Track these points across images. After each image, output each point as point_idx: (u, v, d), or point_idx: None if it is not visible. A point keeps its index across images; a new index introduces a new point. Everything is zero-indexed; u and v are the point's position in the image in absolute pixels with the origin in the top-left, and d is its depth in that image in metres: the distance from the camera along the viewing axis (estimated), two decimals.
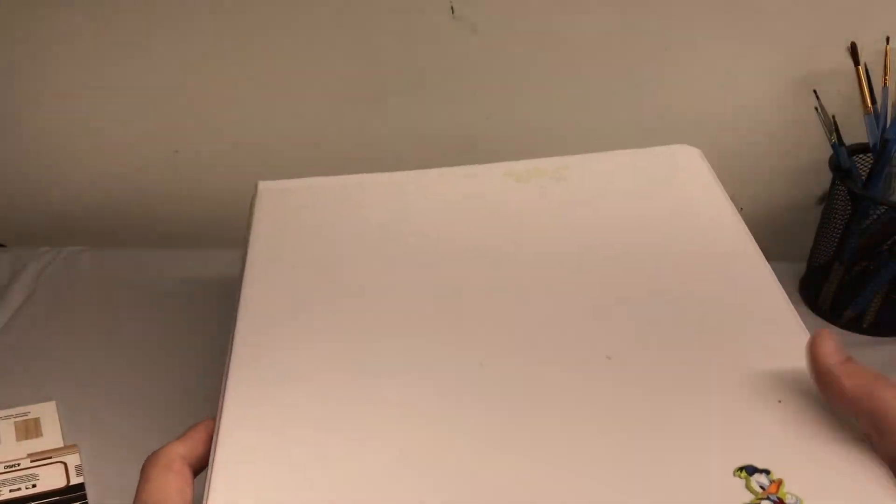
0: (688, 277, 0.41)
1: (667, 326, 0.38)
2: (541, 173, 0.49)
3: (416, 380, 0.37)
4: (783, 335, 0.38)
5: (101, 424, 0.50)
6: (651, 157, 0.52)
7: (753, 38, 0.63)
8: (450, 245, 0.44)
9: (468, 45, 0.63)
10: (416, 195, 0.48)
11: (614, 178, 0.49)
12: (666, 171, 0.50)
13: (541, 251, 0.43)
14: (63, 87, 0.67)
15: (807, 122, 0.66)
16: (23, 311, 0.60)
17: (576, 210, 0.46)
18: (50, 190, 0.75)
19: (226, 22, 0.63)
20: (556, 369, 0.37)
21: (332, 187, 0.50)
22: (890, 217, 0.56)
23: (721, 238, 0.45)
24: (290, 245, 0.46)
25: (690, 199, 0.47)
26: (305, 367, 0.37)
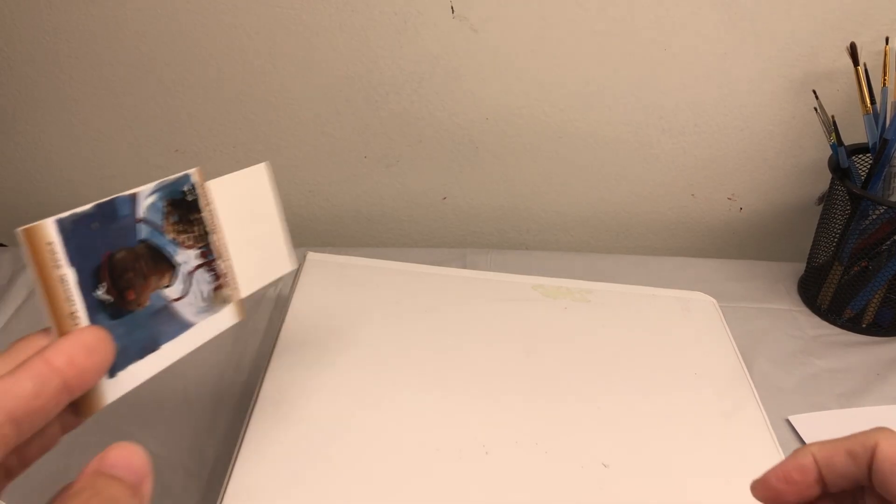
0: (683, 407, 0.47)
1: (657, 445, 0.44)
2: (567, 293, 0.56)
3: (420, 458, 0.41)
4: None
5: (100, 424, 0.50)
6: (670, 297, 0.58)
7: (753, 38, 0.63)
8: (473, 339, 0.50)
9: (468, 45, 0.64)
10: (452, 289, 0.55)
11: (632, 309, 0.56)
12: (681, 313, 0.57)
13: (555, 357, 0.50)
14: (63, 86, 0.67)
15: (806, 122, 0.66)
16: (23, 311, 0.60)
17: (594, 329, 0.53)
18: (50, 190, 0.75)
19: (226, 21, 0.63)
20: (553, 472, 0.41)
21: (374, 268, 0.57)
22: (889, 217, 0.56)
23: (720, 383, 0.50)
24: (326, 311, 0.53)
25: (699, 341, 0.54)
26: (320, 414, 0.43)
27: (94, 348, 0.27)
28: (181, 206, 0.33)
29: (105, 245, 0.30)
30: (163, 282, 0.32)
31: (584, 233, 0.77)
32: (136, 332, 0.30)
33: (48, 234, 0.28)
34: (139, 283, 0.31)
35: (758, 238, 0.76)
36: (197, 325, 0.33)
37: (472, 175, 0.72)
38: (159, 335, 0.31)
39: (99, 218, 0.30)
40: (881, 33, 0.59)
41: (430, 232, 0.77)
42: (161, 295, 0.31)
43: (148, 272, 0.31)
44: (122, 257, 0.30)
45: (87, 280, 0.29)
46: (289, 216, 0.79)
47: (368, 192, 0.74)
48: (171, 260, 0.32)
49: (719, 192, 0.73)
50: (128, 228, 0.31)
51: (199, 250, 0.33)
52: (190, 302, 0.32)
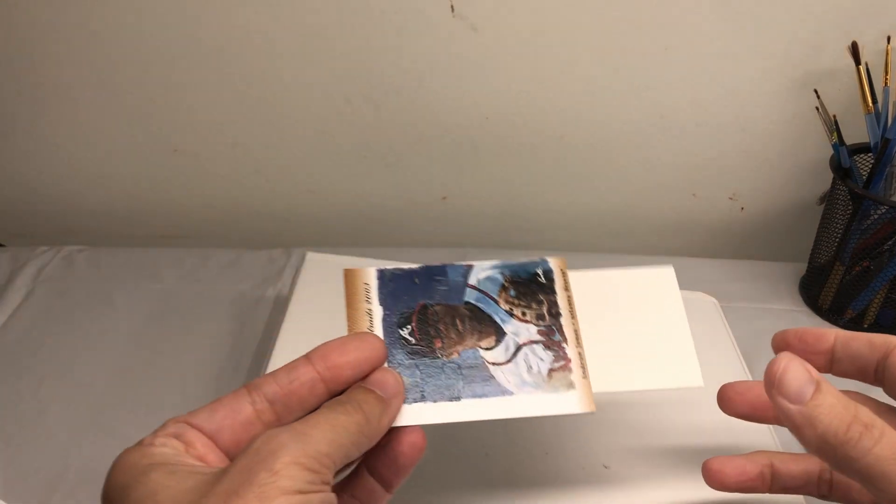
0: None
1: None
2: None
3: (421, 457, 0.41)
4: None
5: (99, 425, 0.50)
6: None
7: (753, 37, 0.63)
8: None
9: (468, 45, 0.63)
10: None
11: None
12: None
13: None
14: (62, 86, 0.67)
15: (807, 122, 0.66)
16: (21, 311, 0.60)
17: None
18: (49, 189, 0.74)
19: (226, 21, 0.63)
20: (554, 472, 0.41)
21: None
22: (890, 217, 0.56)
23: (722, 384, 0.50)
24: (325, 312, 0.54)
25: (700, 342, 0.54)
26: None
27: (353, 346, 0.30)
28: (525, 284, 0.34)
29: (423, 296, 0.33)
30: (482, 343, 0.33)
31: (584, 233, 0.76)
32: (437, 377, 0.32)
33: (366, 277, 0.34)
34: (451, 336, 0.33)
35: (759, 238, 0.76)
36: (519, 395, 0.32)
37: (472, 175, 0.72)
38: (463, 389, 0.32)
39: (423, 276, 0.34)
40: (883, 32, 0.59)
41: (430, 232, 0.76)
42: (478, 354, 0.32)
43: (464, 330, 0.33)
44: (437, 310, 0.33)
45: (393, 318, 0.33)
46: (289, 216, 0.79)
47: (368, 192, 0.74)
48: (498, 326, 0.33)
49: (720, 191, 0.73)
50: (454, 290, 0.34)
51: (539, 327, 0.34)
52: (513, 371, 0.32)
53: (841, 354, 0.31)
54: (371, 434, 0.28)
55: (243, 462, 0.24)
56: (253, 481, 0.23)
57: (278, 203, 0.75)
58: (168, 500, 0.23)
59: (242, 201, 0.75)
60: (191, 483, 0.24)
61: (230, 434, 0.27)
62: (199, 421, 0.27)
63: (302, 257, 0.58)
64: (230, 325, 0.59)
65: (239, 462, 0.24)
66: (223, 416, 0.27)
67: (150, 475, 0.24)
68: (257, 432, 0.28)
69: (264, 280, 0.64)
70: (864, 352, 0.31)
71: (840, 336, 0.32)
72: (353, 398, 0.28)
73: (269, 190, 0.74)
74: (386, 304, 0.33)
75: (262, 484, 0.23)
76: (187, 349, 0.56)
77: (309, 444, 0.24)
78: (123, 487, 0.24)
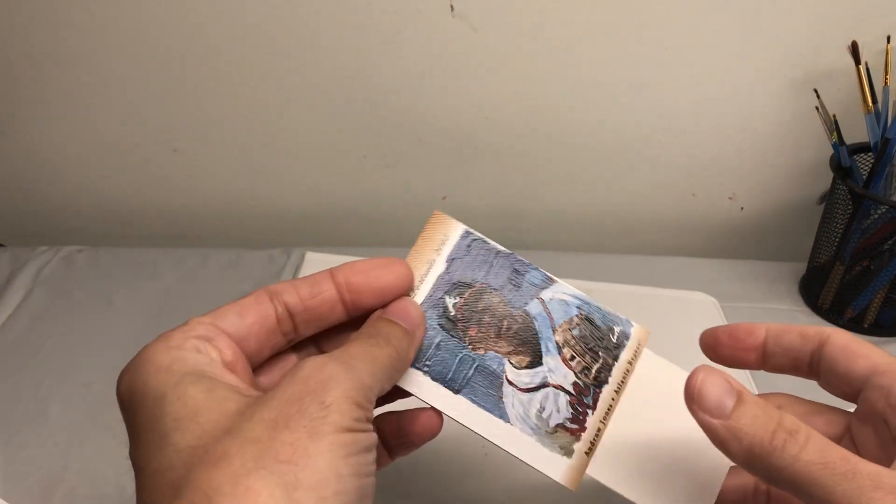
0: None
1: None
2: None
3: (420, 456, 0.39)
4: None
5: (98, 425, 0.50)
6: (670, 297, 0.58)
7: (753, 37, 0.63)
8: None
9: (468, 45, 0.63)
10: None
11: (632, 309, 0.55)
12: (682, 313, 0.56)
13: None
14: (62, 86, 0.67)
15: (807, 122, 0.66)
16: (21, 311, 0.60)
17: None
18: (48, 189, 0.74)
19: (225, 21, 0.63)
20: None
21: None
22: (891, 216, 0.56)
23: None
24: None
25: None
26: None
27: (379, 274, 0.29)
28: (593, 332, 0.31)
29: (490, 280, 0.31)
30: (514, 358, 0.30)
31: (584, 233, 0.76)
32: (450, 360, 0.30)
33: (450, 230, 0.32)
34: (489, 333, 0.30)
35: (759, 238, 0.76)
36: (514, 429, 0.29)
37: (472, 175, 0.72)
38: (467, 387, 0.30)
39: (503, 262, 0.31)
40: (883, 32, 0.59)
41: None
42: (503, 364, 0.30)
43: (505, 335, 0.30)
44: (493, 302, 0.31)
45: (449, 280, 0.31)
46: (289, 216, 0.79)
47: (368, 192, 0.74)
48: (539, 353, 0.31)
49: (720, 191, 0.72)
50: (523, 293, 0.31)
51: (577, 380, 0.30)
52: (524, 403, 0.30)
53: (773, 349, 0.30)
54: (401, 368, 0.27)
55: (292, 389, 0.22)
56: (304, 413, 0.22)
57: (278, 203, 0.75)
58: (210, 424, 0.22)
59: (242, 201, 0.75)
60: (232, 406, 0.22)
61: (255, 342, 0.26)
62: (228, 325, 0.26)
63: (301, 257, 0.58)
64: None
65: (286, 388, 0.23)
66: (252, 322, 0.26)
67: (188, 389, 0.23)
68: (278, 343, 0.27)
69: (264, 280, 0.64)
70: (796, 344, 0.29)
71: (772, 329, 0.30)
72: (381, 331, 0.27)
73: (269, 190, 0.74)
74: (452, 263, 0.31)
75: (314, 417, 0.22)
76: None
77: (356, 377, 0.24)
78: (157, 397, 0.23)
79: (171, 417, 0.22)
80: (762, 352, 0.30)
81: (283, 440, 0.21)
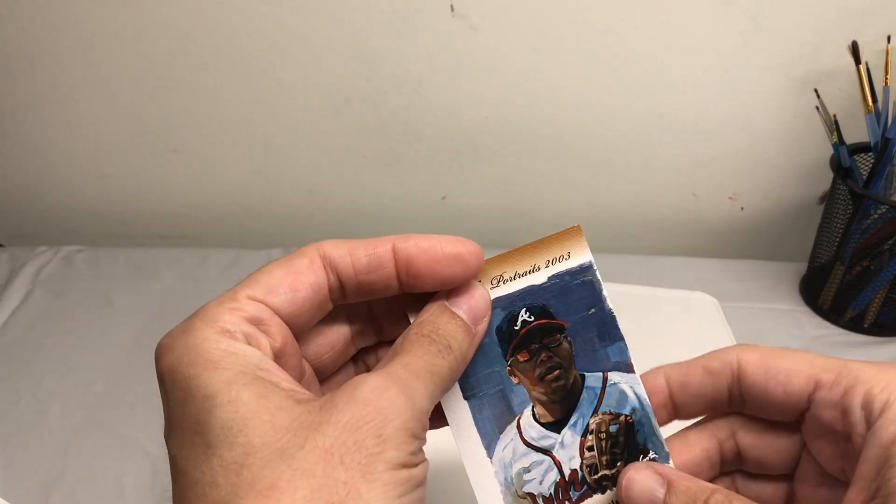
0: None
1: None
2: None
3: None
4: None
5: (98, 424, 0.50)
6: (671, 297, 0.57)
7: (753, 37, 0.63)
8: None
9: (468, 44, 0.63)
10: None
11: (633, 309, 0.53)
12: (682, 313, 0.55)
13: None
14: (62, 86, 0.67)
15: (808, 121, 0.66)
16: (21, 311, 0.60)
17: None
18: (48, 190, 0.74)
19: (225, 21, 0.63)
20: None
21: None
22: (891, 216, 0.56)
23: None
24: None
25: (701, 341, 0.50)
26: None
27: (448, 263, 0.27)
28: (629, 440, 0.28)
29: (573, 324, 0.28)
30: (539, 408, 0.27)
31: (584, 232, 0.76)
32: (482, 366, 0.27)
33: (576, 252, 0.29)
34: (532, 371, 0.27)
35: (759, 238, 0.76)
36: (489, 466, 0.27)
37: (472, 175, 0.72)
38: (476, 398, 0.27)
39: (600, 316, 0.28)
40: (883, 32, 0.59)
41: (429, 231, 0.76)
42: (525, 407, 0.27)
43: (545, 383, 0.27)
44: (563, 348, 0.27)
45: (535, 298, 0.27)
46: (288, 216, 0.79)
47: (368, 192, 0.74)
48: (564, 423, 0.28)
49: (720, 191, 0.72)
50: (594, 357, 0.28)
51: (578, 469, 0.28)
52: (515, 452, 0.27)
53: (682, 399, 0.28)
54: (459, 374, 0.25)
55: (349, 413, 0.21)
56: (360, 446, 0.21)
57: (278, 203, 0.75)
58: (259, 439, 0.21)
59: (242, 201, 0.75)
60: (285, 418, 0.21)
61: (306, 319, 0.25)
62: (280, 303, 0.24)
63: None
64: None
65: (343, 411, 0.21)
66: (304, 297, 0.24)
67: (241, 393, 0.21)
68: (325, 311, 0.26)
69: None
70: (707, 388, 0.27)
71: (672, 377, 0.28)
72: (443, 331, 0.25)
73: (269, 190, 0.74)
74: (553, 283, 0.28)
75: (370, 453, 0.21)
76: None
77: (416, 406, 0.22)
78: (207, 396, 0.22)
79: (219, 424, 0.21)
80: (671, 405, 0.28)
81: (337, 478, 0.20)
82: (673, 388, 0.28)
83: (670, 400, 0.28)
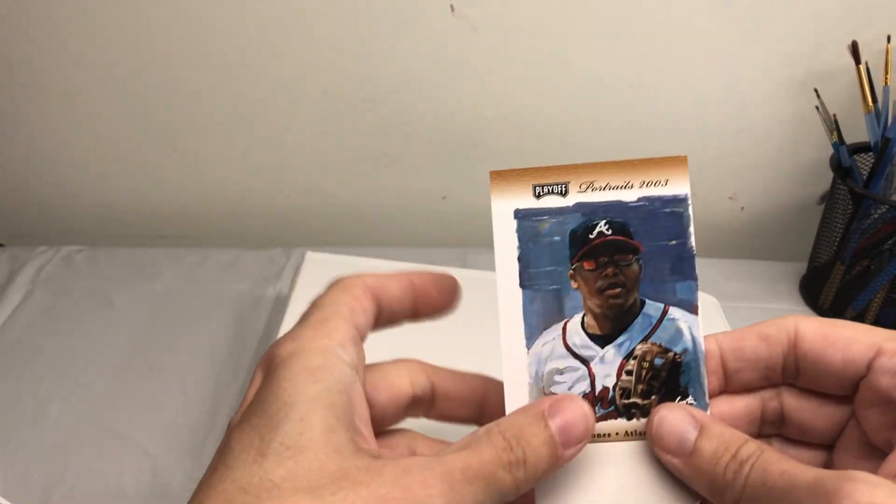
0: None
1: None
2: None
3: None
4: None
5: (98, 424, 0.50)
6: None
7: (753, 37, 0.63)
8: (473, 338, 0.46)
9: (467, 44, 0.63)
10: None
11: None
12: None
13: None
14: (62, 86, 0.67)
15: (807, 121, 0.66)
16: (21, 311, 0.60)
17: None
18: (48, 189, 0.74)
19: (225, 21, 0.63)
20: None
21: (373, 268, 0.57)
22: (891, 216, 0.56)
23: None
24: None
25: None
26: None
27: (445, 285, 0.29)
28: (670, 377, 0.27)
29: (651, 248, 0.28)
30: (590, 319, 0.27)
31: None
32: (546, 261, 0.27)
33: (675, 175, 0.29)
34: (594, 282, 0.27)
35: (759, 238, 0.76)
36: (524, 356, 0.27)
37: (472, 175, 0.72)
38: (531, 288, 0.27)
39: (678, 249, 0.28)
40: (883, 31, 0.59)
41: (429, 232, 0.76)
42: (576, 313, 0.27)
43: (603, 297, 0.27)
44: (629, 268, 0.27)
45: (620, 214, 0.27)
46: (288, 216, 0.79)
47: (368, 192, 0.74)
48: (611, 340, 0.27)
49: (720, 191, 0.72)
50: (661, 287, 0.27)
51: (610, 387, 0.27)
52: (553, 352, 0.27)
53: (735, 365, 0.27)
54: (519, 496, 0.23)
55: (387, 489, 0.21)
56: None
57: (278, 203, 0.75)
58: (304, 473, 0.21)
59: (242, 201, 0.75)
60: (334, 465, 0.21)
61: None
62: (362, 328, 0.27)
63: (301, 257, 0.58)
64: (230, 325, 0.59)
65: (384, 483, 0.21)
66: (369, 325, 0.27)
67: (314, 417, 0.22)
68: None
69: (264, 280, 0.64)
70: (762, 354, 0.26)
71: (725, 343, 0.27)
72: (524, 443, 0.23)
73: (269, 190, 0.74)
74: (643, 205, 0.28)
75: None
76: (187, 349, 0.56)
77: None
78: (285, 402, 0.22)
79: (280, 439, 0.21)
80: (722, 373, 0.27)
81: None
82: (725, 353, 0.27)
83: (722, 367, 0.27)
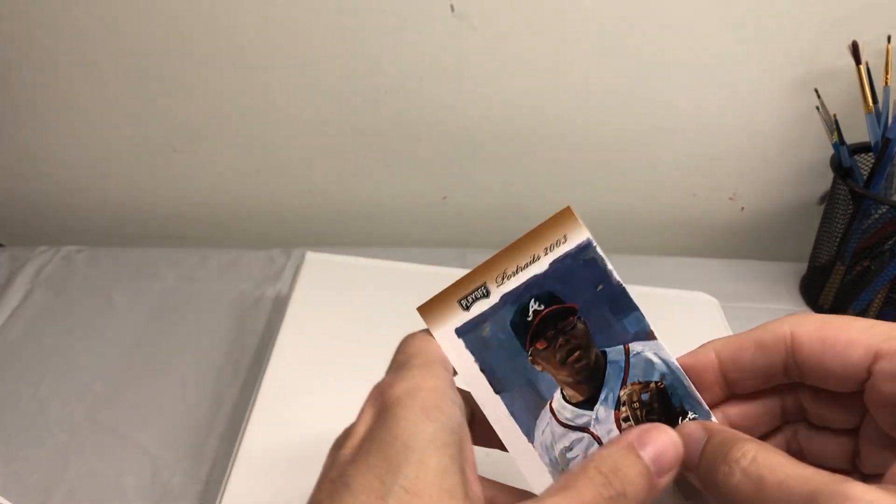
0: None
1: None
2: None
3: None
4: None
5: (99, 424, 0.50)
6: (671, 297, 0.58)
7: (754, 37, 0.63)
8: None
9: (468, 44, 0.63)
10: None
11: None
12: (683, 313, 0.56)
13: None
14: (62, 86, 0.67)
15: (808, 121, 0.66)
16: (21, 311, 0.60)
17: None
18: (49, 189, 0.74)
19: (225, 22, 0.63)
20: None
21: (373, 268, 0.58)
22: (891, 216, 0.56)
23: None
24: (325, 311, 0.53)
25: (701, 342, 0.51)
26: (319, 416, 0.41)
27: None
28: (663, 406, 0.28)
29: (584, 305, 0.28)
30: (568, 390, 0.28)
31: None
32: (505, 359, 0.27)
33: (572, 234, 0.29)
34: (553, 357, 0.28)
35: (759, 238, 0.76)
36: (532, 449, 0.27)
37: (472, 175, 0.72)
38: (506, 391, 0.27)
39: (609, 291, 0.28)
40: (883, 32, 0.59)
41: (429, 231, 0.76)
42: (553, 391, 0.27)
43: (568, 366, 0.28)
44: (578, 329, 0.28)
45: (541, 287, 0.28)
46: (288, 216, 0.79)
47: (368, 192, 0.74)
48: (595, 399, 0.28)
49: (720, 191, 0.72)
50: (610, 332, 0.28)
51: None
52: (554, 434, 0.27)
53: (735, 375, 0.27)
54: None
55: None
56: None
57: (278, 203, 0.75)
58: None
59: (242, 201, 0.75)
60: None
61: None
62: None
63: (301, 257, 0.58)
64: (230, 325, 0.59)
65: None
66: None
67: (430, 459, 0.22)
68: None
69: (264, 280, 0.64)
70: (760, 363, 0.26)
71: (723, 353, 0.27)
72: (622, 476, 0.23)
73: (269, 190, 0.74)
74: (555, 270, 0.28)
75: None
76: (187, 349, 0.56)
77: None
78: (404, 443, 0.22)
79: (401, 483, 0.21)
80: (724, 382, 0.27)
81: None
82: (724, 363, 0.27)
83: (722, 377, 0.27)
